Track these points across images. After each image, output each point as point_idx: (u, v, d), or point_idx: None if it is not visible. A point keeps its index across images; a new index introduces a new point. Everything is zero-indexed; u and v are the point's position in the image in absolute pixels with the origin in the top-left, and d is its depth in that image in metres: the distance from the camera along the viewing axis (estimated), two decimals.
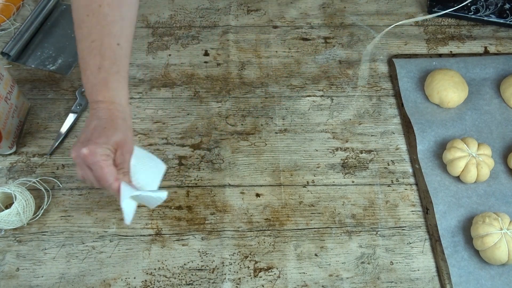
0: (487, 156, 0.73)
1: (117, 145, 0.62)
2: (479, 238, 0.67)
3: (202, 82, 0.87)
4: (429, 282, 0.67)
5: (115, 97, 0.64)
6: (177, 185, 0.75)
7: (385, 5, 1.00)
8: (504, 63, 0.88)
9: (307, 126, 0.82)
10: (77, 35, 0.65)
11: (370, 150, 0.79)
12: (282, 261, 0.69)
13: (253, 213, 0.73)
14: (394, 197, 0.75)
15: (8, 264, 0.68)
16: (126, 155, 0.63)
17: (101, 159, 0.60)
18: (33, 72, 0.88)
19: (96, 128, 0.62)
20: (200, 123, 0.82)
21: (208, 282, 0.67)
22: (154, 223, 0.71)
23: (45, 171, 0.76)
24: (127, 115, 0.65)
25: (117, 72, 0.64)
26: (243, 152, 0.79)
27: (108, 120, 0.62)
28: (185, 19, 0.96)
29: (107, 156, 0.60)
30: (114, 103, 0.63)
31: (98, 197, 0.74)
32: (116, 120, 0.63)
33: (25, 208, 0.68)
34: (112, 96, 0.64)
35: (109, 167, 0.60)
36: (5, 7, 0.95)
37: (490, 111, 0.83)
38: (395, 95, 0.86)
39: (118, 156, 0.62)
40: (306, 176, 0.76)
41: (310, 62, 0.90)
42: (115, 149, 0.62)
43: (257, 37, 0.94)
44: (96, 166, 0.60)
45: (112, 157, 0.61)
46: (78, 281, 0.66)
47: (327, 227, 0.72)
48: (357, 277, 0.68)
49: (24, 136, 0.80)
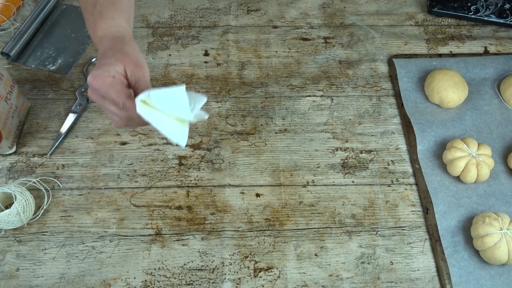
0: (487, 156, 0.73)
1: (124, 65, 0.57)
2: (479, 238, 0.67)
3: (202, 82, 0.87)
4: (429, 282, 0.67)
5: (113, 27, 0.62)
6: (177, 185, 0.75)
7: (385, 5, 1.00)
8: (504, 63, 0.88)
9: (307, 126, 0.82)
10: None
11: (370, 150, 0.79)
12: (282, 261, 0.69)
13: (253, 213, 0.73)
14: (394, 197, 0.75)
15: (8, 264, 0.68)
16: (139, 72, 0.58)
17: (106, 80, 0.55)
18: (33, 72, 0.88)
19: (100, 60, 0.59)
20: (200, 123, 0.82)
21: (208, 282, 0.67)
22: (154, 223, 0.72)
23: (45, 171, 0.76)
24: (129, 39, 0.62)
25: (112, 3, 0.63)
26: (243, 152, 0.79)
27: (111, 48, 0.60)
28: (185, 19, 0.96)
29: (113, 78, 0.56)
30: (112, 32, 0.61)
31: (98, 197, 0.74)
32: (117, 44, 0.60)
33: (25, 208, 0.68)
34: (109, 26, 0.62)
35: (116, 85, 0.56)
36: (5, 7, 0.95)
37: (490, 111, 0.83)
38: (395, 95, 0.86)
39: (130, 76, 0.58)
40: (306, 176, 0.76)
41: (310, 62, 0.90)
42: (124, 71, 0.57)
43: (257, 37, 0.94)
44: (103, 89, 0.55)
45: (120, 77, 0.57)
46: (78, 281, 0.66)
47: (327, 227, 0.72)
48: (357, 277, 0.68)
49: (24, 136, 0.80)
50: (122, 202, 0.73)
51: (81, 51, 0.91)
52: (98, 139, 0.79)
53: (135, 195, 0.74)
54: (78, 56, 0.90)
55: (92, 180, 0.75)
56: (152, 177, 0.76)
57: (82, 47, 0.91)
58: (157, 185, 0.75)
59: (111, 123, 0.81)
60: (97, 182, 0.75)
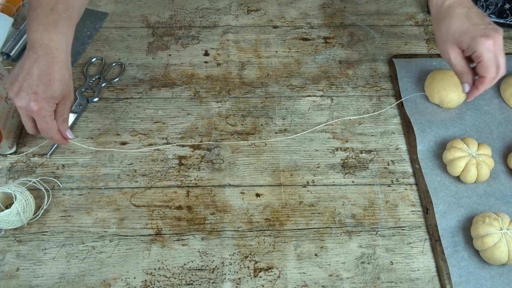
0: (487, 156, 0.73)
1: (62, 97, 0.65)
2: (479, 238, 0.67)
3: (202, 82, 0.87)
4: (429, 282, 0.67)
5: (61, 43, 0.64)
6: (177, 185, 0.75)
7: (385, 5, 1.00)
8: None
9: (307, 126, 0.82)
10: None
11: (370, 150, 0.79)
12: (282, 261, 0.69)
13: (253, 213, 0.73)
14: (394, 197, 0.75)
15: (8, 264, 0.68)
16: (68, 104, 0.68)
17: (47, 115, 0.63)
18: None
19: (41, 79, 0.62)
20: (200, 123, 0.82)
21: (208, 282, 0.67)
22: (154, 223, 0.72)
23: (45, 171, 0.76)
24: (69, 63, 0.66)
25: (69, 18, 0.65)
26: (243, 152, 0.79)
27: (53, 70, 0.63)
28: (185, 19, 0.96)
29: (52, 112, 0.65)
30: (58, 49, 0.63)
31: (98, 197, 0.74)
32: (61, 71, 0.63)
33: (25, 208, 0.68)
34: (60, 41, 0.63)
35: (53, 121, 0.65)
36: (5, 7, 0.95)
37: (490, 111, 0.83)
38: (395, 95, 0.86)
39: (60, 108, 0.66)
40: (306, 176, 0.76)
41: (310, 62, 0.90)
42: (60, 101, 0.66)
43: (257, 37, 0.94)
44: (42, 121, 0.64)
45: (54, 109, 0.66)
46: (78, 281, 0.66)
47: (327, 227, 0.72)
48: (357, 277, 0.68)
49: (24, 136, 0.80)
50: (122, 202, 0.73)
51: (81, 51, 0.91)
52: (98, 139, 0.79)
53: (135, 195, 0.74)
54: (78, 56, 0.90)
55: (92, 180, 0.75)
56: (152, 177, 0.76)
57: (82, 47, 0.91)
58: (157, 185, 0.75)
59: (111, 123, 0.81)
60: (97, 182, 0.75)
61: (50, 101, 0.63)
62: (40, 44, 0.62)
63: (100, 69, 0.88)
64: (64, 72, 0.64)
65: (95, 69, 0.89)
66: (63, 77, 0.64)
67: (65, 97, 0.66)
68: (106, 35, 0.93)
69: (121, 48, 0.91)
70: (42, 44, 0.62)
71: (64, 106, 0.67)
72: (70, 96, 0.68)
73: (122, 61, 0.89)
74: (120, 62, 0.89)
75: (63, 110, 0.67)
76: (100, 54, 0.90)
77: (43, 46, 0.62)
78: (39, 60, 0.62)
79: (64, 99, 0.66)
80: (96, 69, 0.89)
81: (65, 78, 0.65)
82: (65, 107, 0.67)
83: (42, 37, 0.62)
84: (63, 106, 0.67)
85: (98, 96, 0.84)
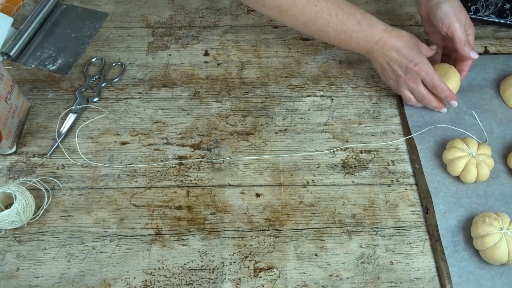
0: (487, 156, 0.73)
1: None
2: (479, 238, 0.67)
3: (202, 82, 0.87)
4: (429, 282, 0.67)
5: (386, 27, 0.78)
6: (177, 185, 0.75)
7: (385, 5, 1.00)
8: (504, 63, 0.88)
9: (307, 126, 0.82)
10: (316, 20, 0.75)
11: (370, 150, 0.79)
12: (282, 261, 0.69)
13: (253, 213, 0.73)
14: (394, 197, 0.75)
15: (8, 264, 0.68)
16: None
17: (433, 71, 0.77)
18: (33, 72, 0.88)
19: (410, 51, 0.77)
20: (200, 123, 0.82)
21: (208, 282, 0.67)
22: (154, 223, 0.72)
23: (45, 171, 0.76)
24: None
25: (364, 15, 0.77)
26: (243, 152, 0.79)
27: (408, 42, 0.77)
28: (185, 19, 0.96)
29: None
30: (387, 31, 0.77)
31: (98, 197, 0.74)
32: (411, 40, 0.78)
33: (25, 208, 0.68)
34: (383, 27, 0.77)
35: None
36: (5, 7, 0.95)
37: (490, 111, 0.82)
38: (395, 95, 0.86)
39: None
40: (306, 176, 0.76)
41: (310, 62, 0.90)
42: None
43: (257, 37, 0.94)
44: (431, 78, 0.77)
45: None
46: (78, 281, 0.66)
47: (327, 227, 0.72)
48: (357, 277, 0.68)
49: (24, 136, 0.80)
50: (122, 202, 0.73)
51: (81, 51, 0.91)
52: (98, 139, 0.80)
53: (135, 195, 0.74)
54: (78, 56, 0.90)
55: (92, 180, 0.75)
56: (152, 177, 0.76)
57: (82, 47, 0.91)
58: (157, 185, 0.75)
59: (111, 123, 0.81)
60: (97, 182, 0.75)
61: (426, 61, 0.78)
62: (379, 39, 0.78)
63: (100, 69, 0.88)
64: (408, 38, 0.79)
65: (95, 69, 0.89)
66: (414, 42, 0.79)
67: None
68: (106, 35, 0.93)
69: (121, 48, 0.91)
70: (379, 39, 0.78)
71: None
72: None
73: (122, 61, 0.89)
74: (120, 62, 0.89)
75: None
76: (100, 54, 0.90)
77: (381, 38, 0.78)
78: (396, 45, 0.78)
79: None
80: (96, 69, 0.89)
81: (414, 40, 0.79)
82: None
83: (374, 38, 0.78)
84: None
85: (98, 96, 0.84)
